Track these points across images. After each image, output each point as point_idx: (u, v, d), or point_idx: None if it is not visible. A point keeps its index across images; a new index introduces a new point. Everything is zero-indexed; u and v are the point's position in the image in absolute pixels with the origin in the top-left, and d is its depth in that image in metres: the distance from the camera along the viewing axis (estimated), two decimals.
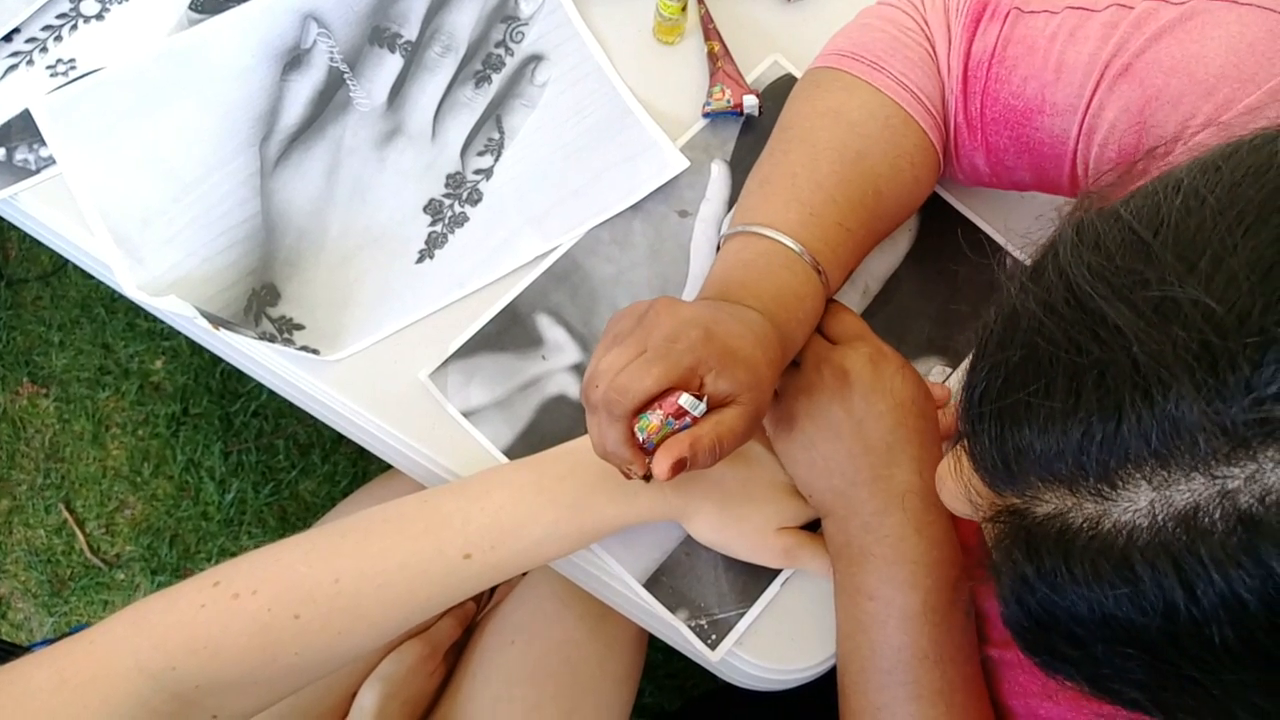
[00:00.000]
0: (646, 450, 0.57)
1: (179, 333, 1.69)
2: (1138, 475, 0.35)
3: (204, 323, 0.69)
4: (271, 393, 1.68)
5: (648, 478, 0.64)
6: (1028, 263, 0.43)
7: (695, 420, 0.57)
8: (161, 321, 1.71)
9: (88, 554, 1.63)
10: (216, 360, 1.70)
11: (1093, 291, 0.37)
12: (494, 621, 0.97)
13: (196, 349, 1.70)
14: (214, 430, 1.67)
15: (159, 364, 1.71)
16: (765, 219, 0.68)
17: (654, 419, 0.56)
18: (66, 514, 1.64)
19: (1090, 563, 0.37)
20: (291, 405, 1.71)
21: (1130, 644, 0.37)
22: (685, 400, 0.56)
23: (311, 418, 1.71)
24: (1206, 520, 0.34)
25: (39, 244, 1.73)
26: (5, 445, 1.67)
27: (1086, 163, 0.64)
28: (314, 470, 1.67)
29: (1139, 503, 0.36)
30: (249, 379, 1.69)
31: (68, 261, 1.73)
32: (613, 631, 0.95)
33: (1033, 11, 0.66)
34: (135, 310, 1.72)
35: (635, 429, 0.57)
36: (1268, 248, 0.34)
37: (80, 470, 1.66)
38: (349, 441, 1.68)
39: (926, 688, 0.64)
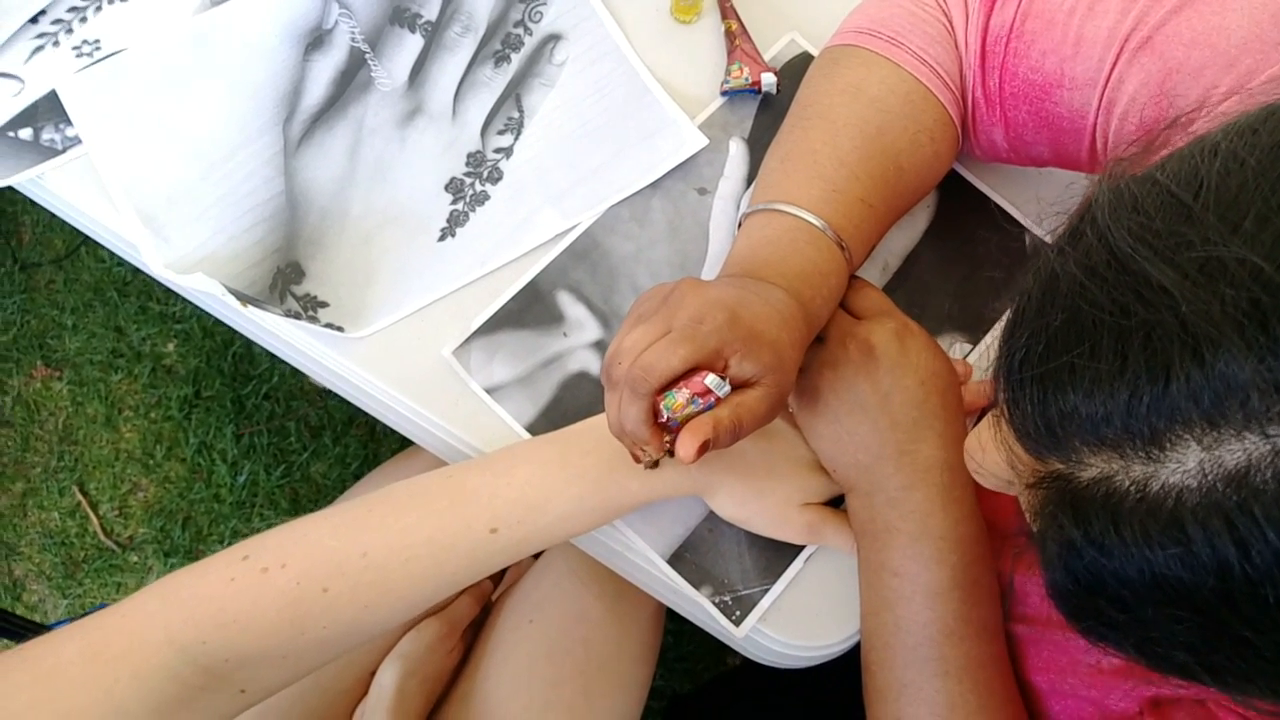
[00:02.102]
0: (668, 429, 0.58)
1: (191, 316, 1.71)
2: (1187, 436, 0.35)
3: (231, 300, 0.70)
4: (283, 375, 1.69)
5: (669, 454, 0.64)
6: (1060, 230, 0.43)
7: (719, 400, 0.57)
8: (174, 304, 1.72)
9: (101, 536, 1.64)
10: (228, 343, 1.70)
11: (1134, 253, 0.37)
12: (512, 600, 0.98)
13: (209, 332, 1.71)
14: (226, 413, 1.68)
15: (171, 347, 1.71)
16: (787, 196, 0.68)
17: (679, 398, 0.56)
18: (80, 496, 1.65)
19: (1139, 525, 0.37)
20: (303, 387, 1.72)
21: (1181, 605, 0.37)
22: (711, 380, 0.56)
23: (322, 400, 1.71)
24: (1259, 479, 0.34)
25: (52, 228, 1.75)
26: (19, 428, 1.68)
27: (1106, 137, 0.65)
28: (325, 452, 1.67)
29: (1188, 464, 0.36)
30: (260, 361, 1.69)
31: (81, 245, 1.74)
32: (630, 609, 0.95)
33: None
34: (148, 293, 1.73)
35: (660, 406, 0.57)
36: None
37: (94, 453, 1.67)
38: (360, 424, 1.69)
39: (953, 664, 0.64)
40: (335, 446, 1.68)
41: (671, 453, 0.64)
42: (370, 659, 0.95)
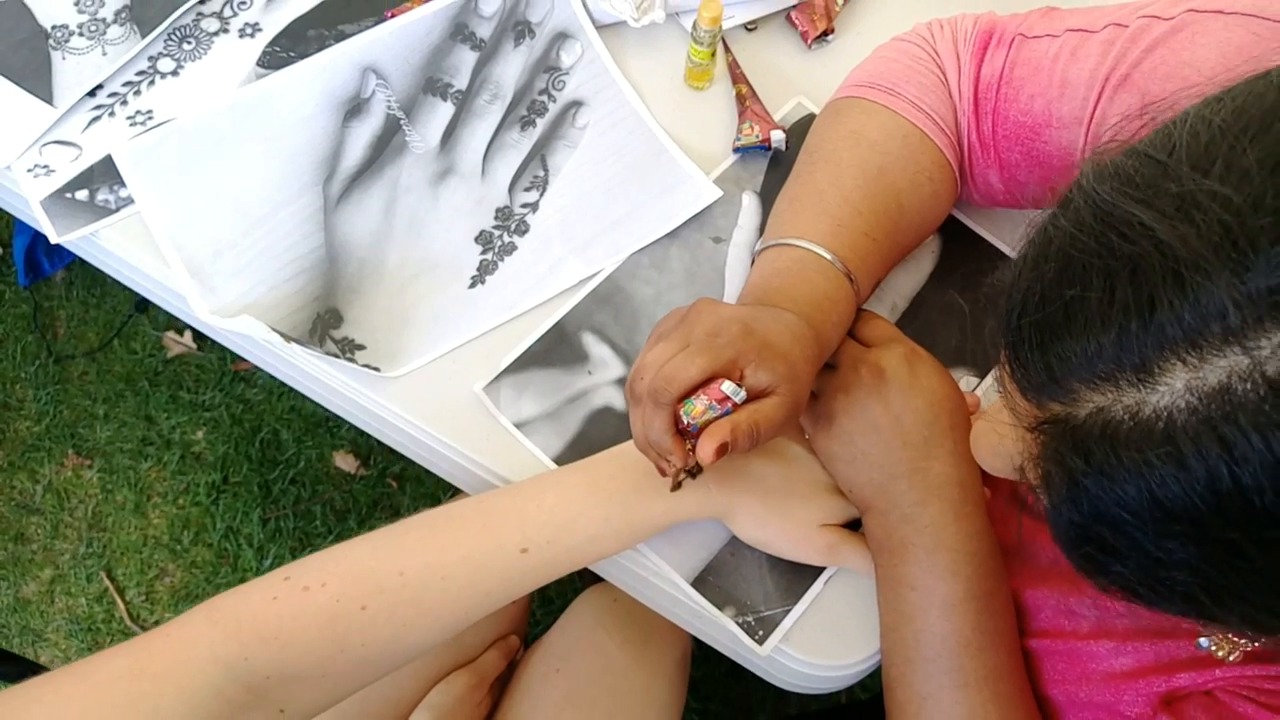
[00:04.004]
0: (689, 434, 0.61)
1: (220, 404, 1.75)
2: (1174, 359, 0.39)
3: (275, 338, 0.74)
4: (309, 460, 1.73)
5: (693, 474, 0.68)
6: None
7: (736, 406, 0.61)
8: (203, 393, 1.77)
9: (128, 622, 1.66)
10: (256, 429, 1.74)
11: (1116, 203, 0.41)
12: (539, 650, 0.99)
13: (237, 419, 1.75)
14: (253, 497, 1.71)
15: (200, 434, 1.75)
16: (796, 231, 0.72)
17: (699, 404, 0.60)
18: (108, 582, 1.67)
19: (1136, 447, 0.41)
20: (329, 472, 1.74)
21: (1179, 520, 0.40)
22: (727, 386, 0.60)
23: (348, 484, 1.73)
24: (1240, 390, 0.38)
25: (86, 322, 1.81)
26: (49, 516, 1.71)
27: None
28: (350, 535, 1.69)
29: (1176, 385, 0.39)
30: (287, 446, 1.73)
31: (114, 338, 1.80)
32: (656, 658, 0.96)
33: (1036, 37, 0.72)
34: (178, 383, 1.78)
35: (681, 413, 0.60)
36: (1273, 147, 0.39)
37: (122, 539, 1.70)
38: (384, 506, 1.72)
39: (971, 675, 0.66)
40: (360, 529, 1.70)
41: (693, 473, 0.67)
42: (399, 711, 0.96)
